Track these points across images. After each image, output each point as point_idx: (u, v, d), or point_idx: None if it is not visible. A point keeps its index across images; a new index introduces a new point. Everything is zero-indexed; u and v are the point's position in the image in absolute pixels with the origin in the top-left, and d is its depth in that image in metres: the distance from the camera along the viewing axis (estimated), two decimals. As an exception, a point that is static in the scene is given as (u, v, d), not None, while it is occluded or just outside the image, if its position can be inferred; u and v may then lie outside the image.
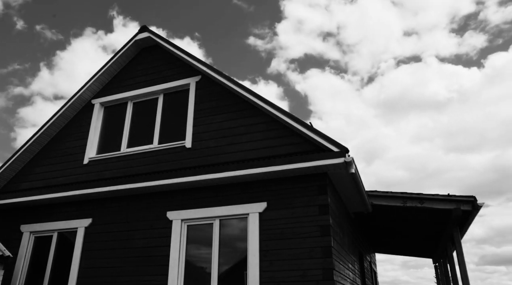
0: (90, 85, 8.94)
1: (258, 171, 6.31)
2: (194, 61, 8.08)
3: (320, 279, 5.63)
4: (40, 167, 8.81)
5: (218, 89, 7.83)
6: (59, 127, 9.07)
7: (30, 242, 8.04)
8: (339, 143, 6.10)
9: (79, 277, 7.20)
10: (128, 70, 9.10)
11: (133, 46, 9.08)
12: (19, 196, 8.04)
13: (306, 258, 5.81)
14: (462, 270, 8.44)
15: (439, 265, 16.44)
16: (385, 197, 8.28)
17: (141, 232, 7.06)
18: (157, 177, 6.97)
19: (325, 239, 5.82)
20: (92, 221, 7.57)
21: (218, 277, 6.27)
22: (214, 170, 6.58)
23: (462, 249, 8.74)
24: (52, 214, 8.03)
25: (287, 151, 6.66)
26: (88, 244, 7.42)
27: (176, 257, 6.57)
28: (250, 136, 7.08)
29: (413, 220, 9.90)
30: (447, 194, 7.81)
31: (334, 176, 6.42)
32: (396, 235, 13.19)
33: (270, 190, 6.46)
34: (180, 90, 8.34)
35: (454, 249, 9.35)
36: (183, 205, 6.94)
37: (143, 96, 8.66)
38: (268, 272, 5.93)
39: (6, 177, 8.94)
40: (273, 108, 6.92)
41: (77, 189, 7.56)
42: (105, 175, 7.97)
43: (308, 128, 6.51)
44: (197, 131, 7.59)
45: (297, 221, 6.08)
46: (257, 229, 6.22)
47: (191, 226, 6.84)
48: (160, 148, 7.76)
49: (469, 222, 8.64)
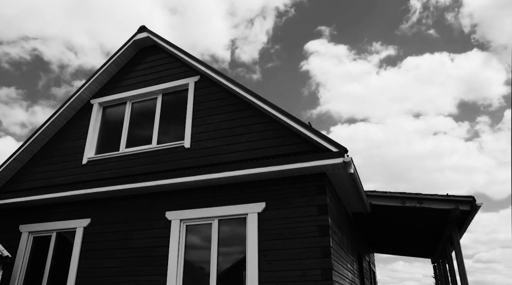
0: (89, 85, 8.93)
1: (257, 171, 6.31)
2: (193, 61, 8.08)
3: (319, 279, 5.63)
4: (39, 167, 8.79)
5: (217, 89, 7.83)
6: (57, 127, 9.05)
7: (28, 242, 8.03)
8: (338, 143, 6.10)
9: (77, 277, 7.19)
10: (127, 70, 9.09)
11: (132, 46, 9.07)
12: (18, 196, 8.03)
13: (305, 258, 5.82)
14: (461, 270, 8.45)
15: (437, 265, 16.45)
16: (384, 197, 8.29)
17: (140, 232, 7.06)
18: (156, 177, 6.97)
19: (324, 239, 5.83)
20: (91, 221, 7.56)
21: (217, 277, 6.27)
22: (213, 170, 6.58)
23: (461, 249, 8.75)
24: (51, 214, 8.02)
25: (286, 151, 6.66)
26: (87, 244, 7.41)
27: (175, 257, 6.57)
28: (249, 136, 7.08)
29: (412, 220, 9.91)
30: (446, 194, 7.83)
31: (333, 176, 6.43)
32: (395, 235, 13.20)
33: (269, 190, 6.46)
34: (179, 90, 8.33)
35: (453, 249, 9.35)
36: (182, 205, 6.94)
37: (142, 96, 8.65)
38: (267, 272, 5.93)
39: (5, 177, 8.92)
40: (272, 108, 6.92)
41: (76, 189, 7.55)
42: (104, 175, 7.96)
43: (307, 128, 6.51)
44: (196, 131, 7.58)
45: (296, 221, 6.08)
46: (256, 229, 6.22)
47: (190, 226, 6.83)
48: (159, 148, 7.75)
49: (468, 222, 8.65)
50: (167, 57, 8.72)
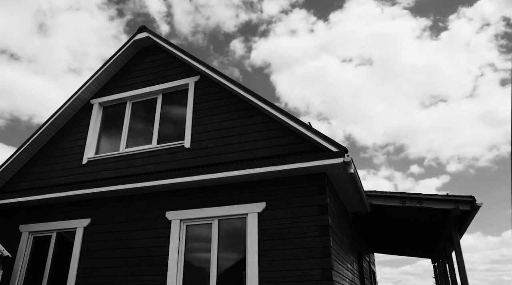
0: (89, 85, 8.93)
1: (257, 171, 6.31)
2: (193, 61, 8.07)
3: (319, 279, 5.63)
4: (39, 167, 8.79)
5: (217, 89, 7.83)
6: (58, 127, 9.05)
7: (29, 242, 8.03)
8: (338, 143, 6.10)
9: (78, 277, 7.19)
10: (127, 70, 9.09)
11: (132, 46, 9.07)
12: (18, 196, 8.03)
13: (305, 258, 5.81)
14: (461, 270, 8.46)
15: (438, 265, 16.46)
16: (384, 197, 8.30)
17: (140, 232, 7.06)
18: (156, 177, 6.97)
19: (324, 239, 5.83)
20: (91, 221, 7.56)
21: (217, 277, 6.26)
22: (213, 170, 6.58)
23: (461, 249, 8.77)
24: (51, 214, 8.02)
25: (286, 151, 6.66)
26: (87, 244, 7.41)
27: (175, 257, 6.57)
28: (249, 136, 7.07)
29: (412, 220, 9.92)
30: (446, 194, 7.85)
31: (333, 176, 6.43)
32: (395, 235, 13.21)
33: (269, 190, 6.46)
34: (179, 90, 8.33)
35: (453, 249, 9.36)
36: (182, 205, 6.94)
37: (142, 96, 8.65)
38: (267, 272, 5.93)
39: (5, 177, 8.92)
40: (272, 108, 6.92)
41: (76, 189, 7.55)
42: (104, 175, 7.96)
43: (307, 128, 6.51)
44: (196, 131, 7.58)
45: (296, 221, 6.08)
46: (256, 229, 6.22)
47: (190, 226, 6.83)
48: (159, 148, 7.75)
49: (468, 222, 8.66)
50: (167, 57, 8.72)
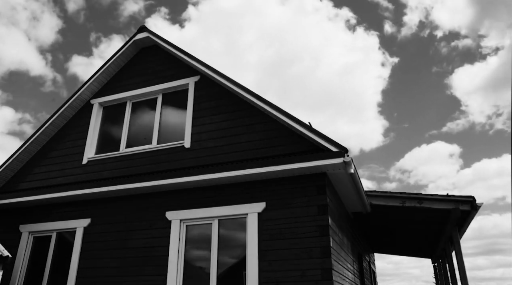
0: (89, 85, 8.93)
1: (257, 171, 6.30)
2: (193, 61, 8.07)
3: (319, 279, 5.63)
4: (39, 167, 8.79)
5: (217, 89, 7.82)
6: (58, 127, 9.05)
7: (29, 242, 8.02)
8: (338, 143, 6.09)
9: (78, 277, 7.19)
10: (127, 70, 9.09)
11: (132, 46, 9.07)
12: (18, 196, 8.02)
13: (305, 258, 5.81)
14: (461, 270, 8.45)
15: (438, 265, 16.46)
16: (384, 197, 8.30)
17: (140, 232, 7.05)
18: (156, 177, 6.96)
19: (324, 239, 5.82)
20: (91, 221, 7.56)
21: (217, 277, 6.26)
22: (213, 170, 6.57)
23: (461, 249, 8.76)
24: (51, 214, 8.01)
25: (286, 151, 6.66)
26: (87, 244, 7.40)
27: (175, 257, 6.56)
28: (249, 136, 7.07)
29: (412, 220, 9.91)
30: (446, 194, 7.84)
31: (333, 176, 6.42)
32: (395, 235, 13.21)
33: (269, 190, 6.45)
34: (179, 90, 8.33)
35: (453, 249, 9.35)
36: (182, 205, 6.94)
37: (142, 96, 8.65)
38: (267, 272, 5.93)
39: (5, 177, 8.92)
40: (272, 108, 6.91)
41: (76, 189, 7.54)
42: (104, 175, 7.96)
43: (307, 128, 6.51)
44: (196, 131, 7.58)
45: (296, 221, 6.08)
46: (256, 229, 6.22)
47: (190, 226, 6.83)
48: (159, 148, 7.75)
49: (468, 222, 8.66)
50: (167, 57, 8.72)
